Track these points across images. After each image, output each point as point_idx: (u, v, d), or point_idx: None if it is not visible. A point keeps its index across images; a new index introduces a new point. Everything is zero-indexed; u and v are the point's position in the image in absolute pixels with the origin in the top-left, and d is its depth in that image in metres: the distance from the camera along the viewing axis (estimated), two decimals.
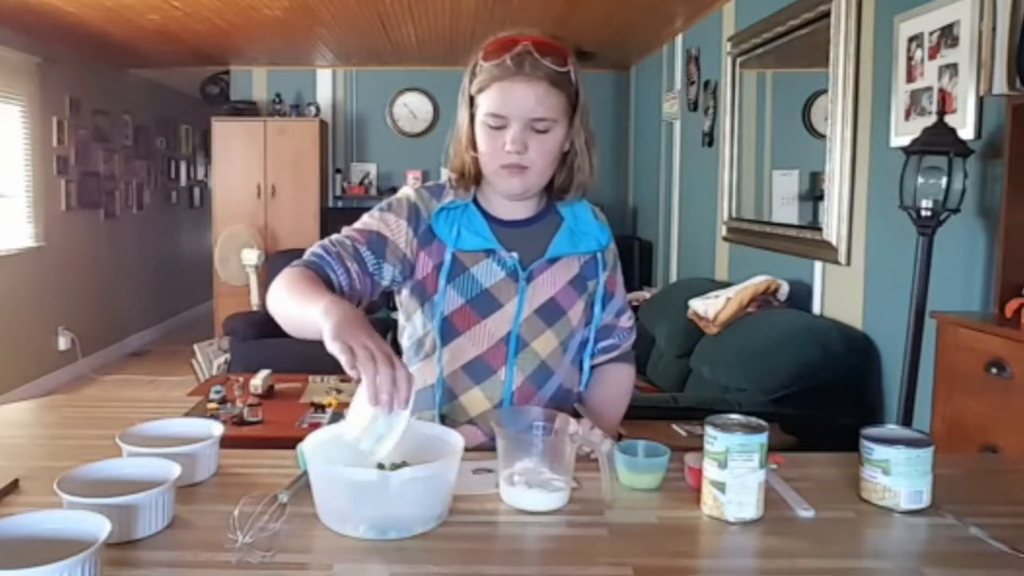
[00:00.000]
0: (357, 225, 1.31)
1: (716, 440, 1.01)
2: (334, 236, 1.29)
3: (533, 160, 1.24)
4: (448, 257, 1.28)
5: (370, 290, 1.28)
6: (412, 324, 1.35)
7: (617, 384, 1.46)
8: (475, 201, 1.33)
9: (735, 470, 1.00)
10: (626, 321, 1.46)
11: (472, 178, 1.31)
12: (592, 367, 1.43)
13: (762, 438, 1.00)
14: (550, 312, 1.32)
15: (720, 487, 1.01)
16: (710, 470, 1.02)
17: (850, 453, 1.14)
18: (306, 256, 1.26)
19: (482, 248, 1.29)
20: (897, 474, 1.04)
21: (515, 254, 1.30)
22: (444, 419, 1.31)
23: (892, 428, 1.11)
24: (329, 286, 1.20)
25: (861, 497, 1.08)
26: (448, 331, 1.29)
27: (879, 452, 1.05)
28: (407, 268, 1.30)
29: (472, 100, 1.27)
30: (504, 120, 1.22)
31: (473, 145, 1.28)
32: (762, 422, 1.03)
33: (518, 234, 1.32)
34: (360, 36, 5.27)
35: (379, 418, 0.97)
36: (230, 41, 5.42)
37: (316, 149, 6.15)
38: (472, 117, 1.27)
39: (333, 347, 0.98)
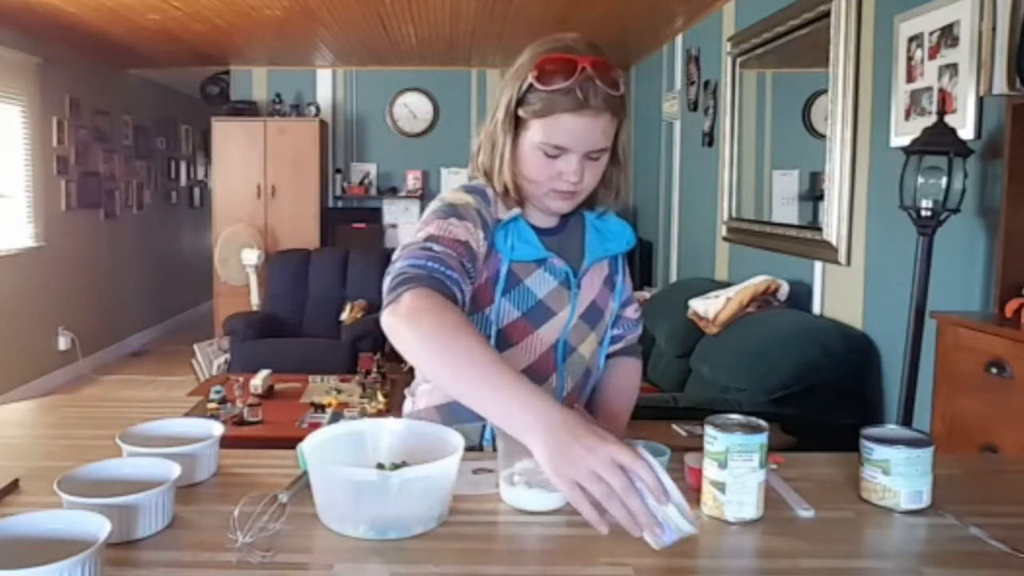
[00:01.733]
0: (443, 233, 1.14)
1: (716, 440, 1.01)
2: (434, 246, 1.11)
3: (586, 186, 1.22)
4: (504, 269, 1.23)
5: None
6: None
7: (626, 377, 1.44)
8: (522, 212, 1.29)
9: (735, 470, 1.00)
10: (632, 312, 1.46)
11: (516, 194, 1.24)
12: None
13: (762, 438, 1.00)
14: (592, 315, 1.32)
15: (720, 487, 1.01)
16: (710, 470, 1.02)
17: (850, 453, 1.14)
18: (419, 268, 1.07)
19: (535, 258, 1.25)
20: (897, 474, 1.04)
21: (564, 261, 1.27)
22: (493, 431, 1.28)
23: (892, 428, 1.11)
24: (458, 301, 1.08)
25: (861, 497, 1.08)
26: (501, 343, 1.25)
27: (879, 452, 1.05)
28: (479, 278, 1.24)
29: (518, 119, 1.19)
30: (563, 151, 1.17)
31: (515, 163, 1.22)
32: (762, 422, 1.03)
33: (555, 241, 1.30)
34: (360, 36, 5.27)
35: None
36: (230, 41, 5.42)
37: (316, 149, 6.15)
38: (515, 137, 1.20)
39: (556, 482, 0.86)
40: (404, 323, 1.00)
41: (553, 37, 1.19)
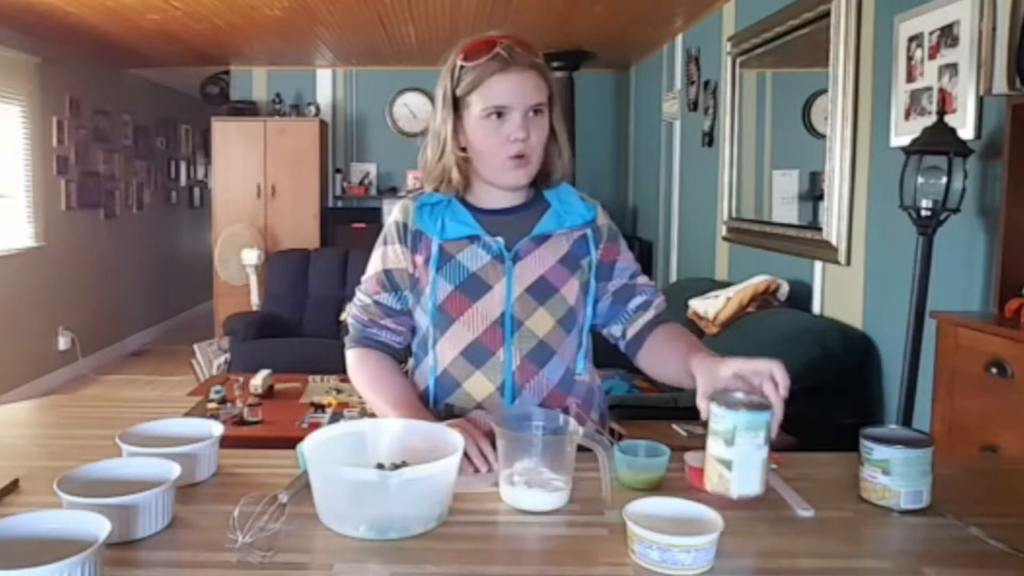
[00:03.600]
0: (367, 273, 1.41)
1: (724, 418, 1.02)
2: (357, 300, 1.42)
3: (534, 146, 1.29)
4: (435, 249, 1.33)
5: (412, 320, 1.41)
6: (416, 321, 1.41)
7: (671, 328, 1.39)
8: (458, 196, 1.37)
9: (741, 447, 1.00)
10: (645, 280, 1.45)
11: (457, 182, 1.34)
12: (637, 335, 1.40)
13: (767, 416, 1.02)
14: (541, 290, 1.33)
15: (726, 464, 1.01)
16: (716, 448, 1.02)
17: (850, 453, 1.14)
18: (352, 331, 1.42)
19: (466, 235, 1.33)
20: (897, 474, 1.04)
21: (500, 238, 1.33)
22: (452, 408, 1.33)
23: (892, 428, 1.11)
24: (386, 346, 1.41)
25: (861, 497, 1.08)
26: (442, 319, 1.33)
27: (879, 452, 1.06)
28: (415, 280, 1.37)
29: (457, 102, 1.31)
30: (505, 110, 1.26)
31: (462, 148, 1.32)
32: (765, 400, 1.04)
33: (503, 220, 1.35)
34: (360, 36, 5.27)
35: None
36: (230, 41, 5.42)
37: (316, 149, 6.15)
38: (457, 120, 1.31)
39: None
40: (351, 373, 1.41)
41: (473, 36, 1.33)
